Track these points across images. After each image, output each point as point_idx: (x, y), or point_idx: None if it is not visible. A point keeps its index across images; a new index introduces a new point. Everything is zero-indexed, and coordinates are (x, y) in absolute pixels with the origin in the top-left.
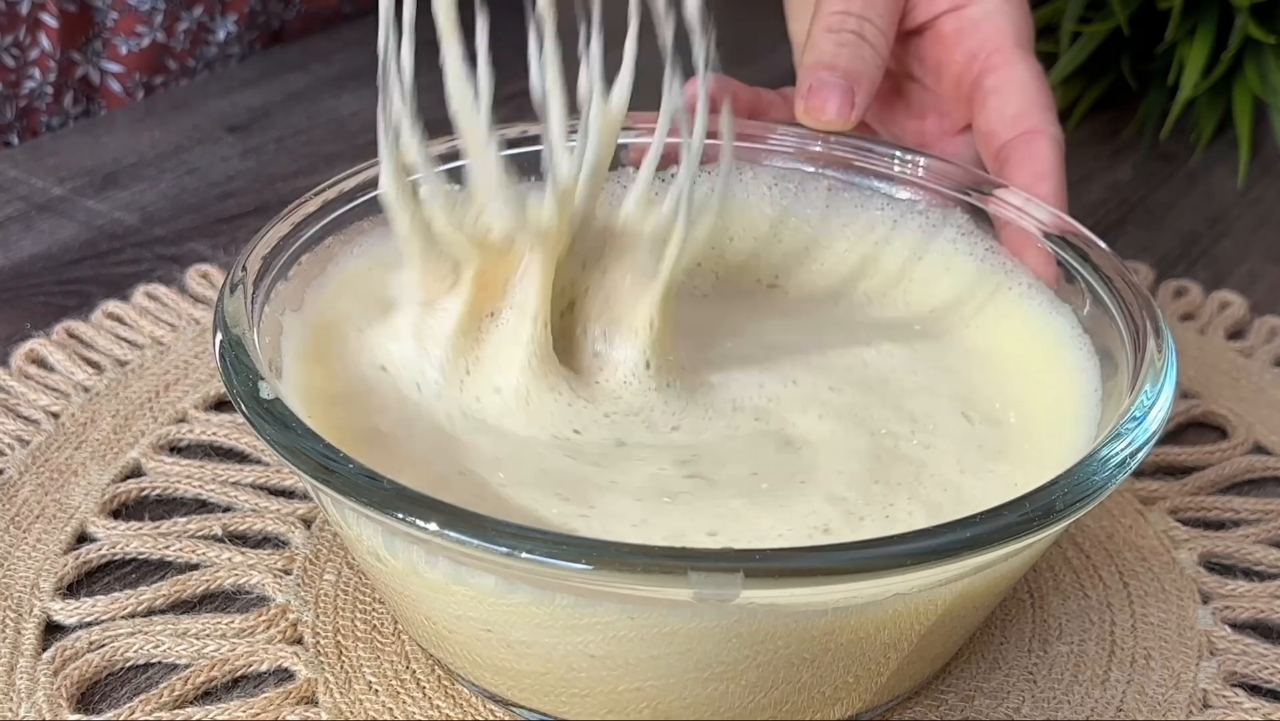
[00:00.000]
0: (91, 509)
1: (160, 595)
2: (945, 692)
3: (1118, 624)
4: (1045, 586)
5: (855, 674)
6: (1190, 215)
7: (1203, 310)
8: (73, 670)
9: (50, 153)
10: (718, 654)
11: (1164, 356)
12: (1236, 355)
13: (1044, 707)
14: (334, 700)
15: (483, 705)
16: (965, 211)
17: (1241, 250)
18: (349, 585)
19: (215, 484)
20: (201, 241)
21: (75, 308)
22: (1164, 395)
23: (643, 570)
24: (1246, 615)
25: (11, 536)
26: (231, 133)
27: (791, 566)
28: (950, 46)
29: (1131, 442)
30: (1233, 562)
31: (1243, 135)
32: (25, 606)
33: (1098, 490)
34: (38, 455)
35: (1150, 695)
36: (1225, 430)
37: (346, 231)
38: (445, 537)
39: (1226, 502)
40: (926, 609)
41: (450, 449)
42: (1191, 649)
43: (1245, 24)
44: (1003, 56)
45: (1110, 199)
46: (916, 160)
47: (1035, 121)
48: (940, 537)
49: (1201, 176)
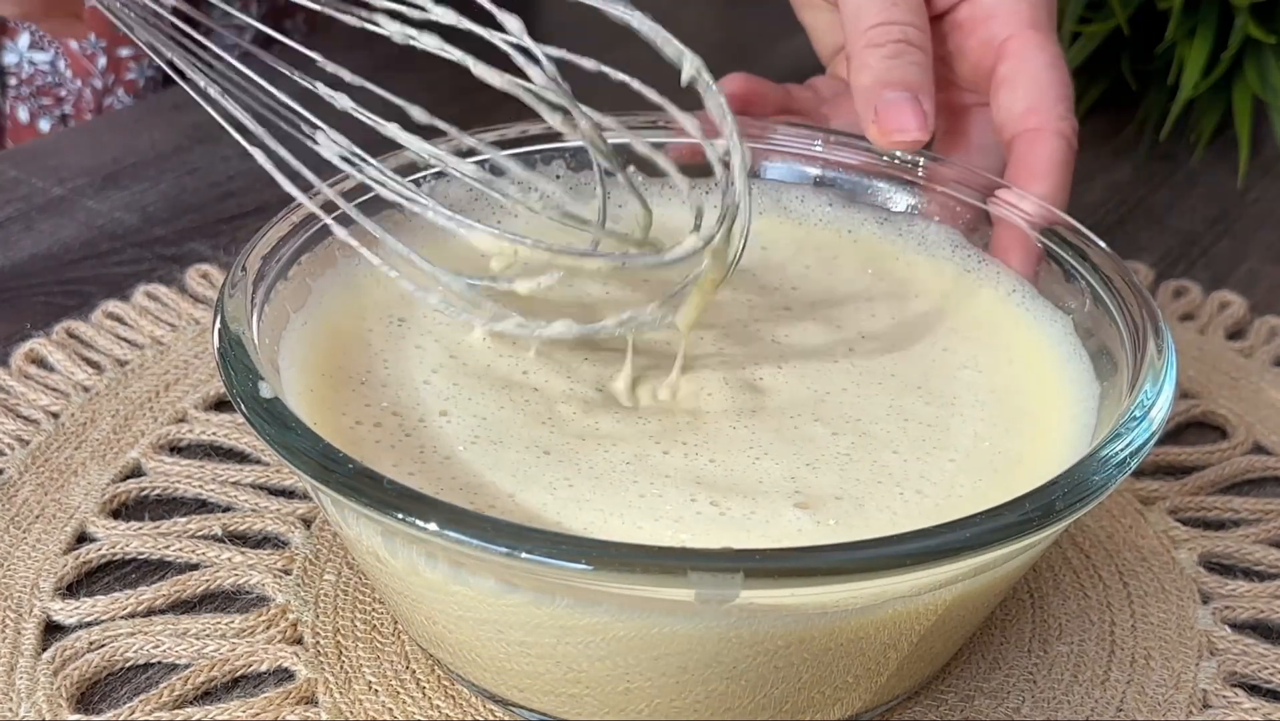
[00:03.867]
0: (91, 509)
1: (160, 595)
2: (945, 692)
3: (1118, 624)
4: (1045, 586)
5: (855, 674)
6: (1190, 215)
7: (1203, 310)
8: (73, 670)
9: (50, 153)
10: (718, 654)
11: (1164, 356)
12: (1236, 355)
13: (1044, 708)
14: (334, 700)
15: (483, 705)
16: (966, 213)
17: (1241, 250)
18: (349, 585)
19: (215, 484)
20: (201, 241)
21: (75, 308)
22: (1164, 395)
23: (642, 570)
24: (1246, 615)
25: (11, 536)
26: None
27: (791, 566)
28: (967, 33)
29: (1131, 443)
30: (1232, 562)
31: (1243, 135)
32: (25, 606)
33: (1097, 490)
34: (38, 455)
35: (1150, 695)
36: (1225, 430)
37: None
38: (445, 537)
39: (1226, 502)
40: (926, 609)
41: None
42: (1191, 649)
43: (1245, 24)
44: (1018, 42)
45: (1110, 199)
46: (917, 163)
47: (1041, 118)
48: (940, 538)
49: (1201, 176)
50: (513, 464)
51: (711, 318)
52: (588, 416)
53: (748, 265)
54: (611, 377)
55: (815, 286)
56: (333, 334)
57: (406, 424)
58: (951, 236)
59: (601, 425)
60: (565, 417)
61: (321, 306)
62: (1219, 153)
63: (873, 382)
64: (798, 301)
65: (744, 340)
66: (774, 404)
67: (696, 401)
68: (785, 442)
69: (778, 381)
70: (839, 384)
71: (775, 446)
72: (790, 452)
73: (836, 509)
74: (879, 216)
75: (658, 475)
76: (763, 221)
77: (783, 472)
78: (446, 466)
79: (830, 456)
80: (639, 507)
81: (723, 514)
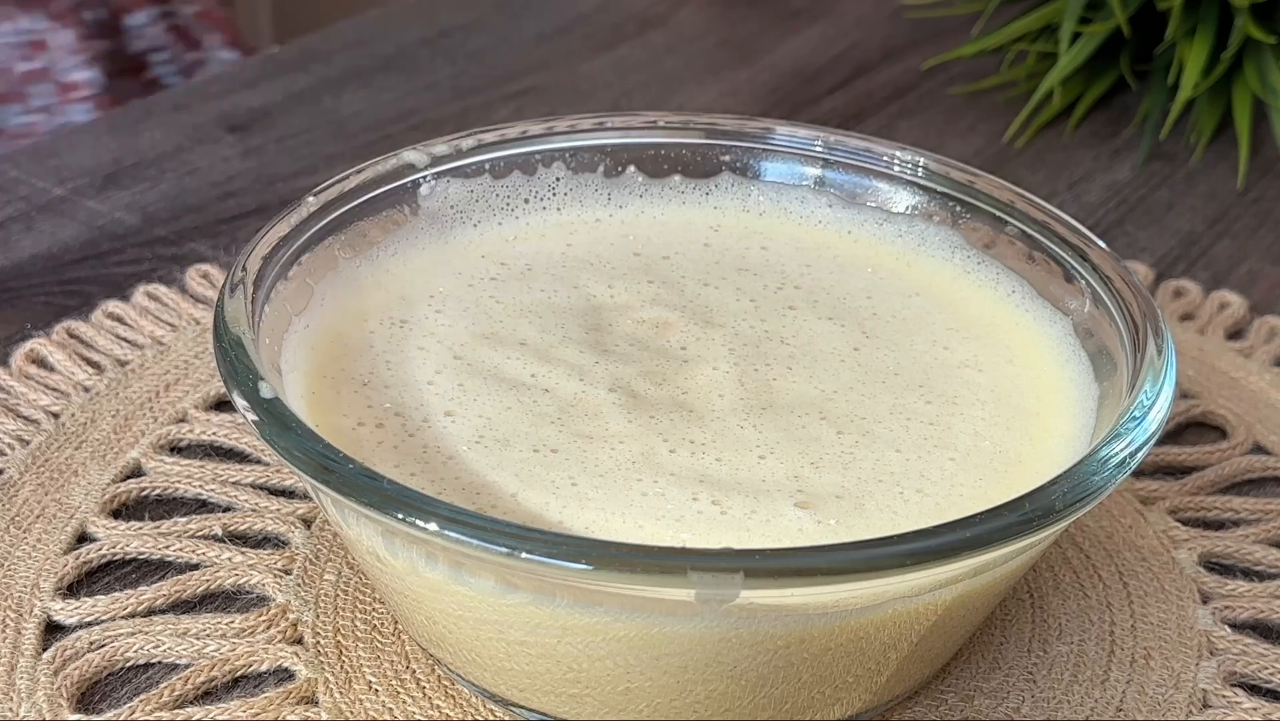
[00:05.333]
0: (92, 508)
1: (160, 595)
2: (945, 692)
3: (1117, 624)
4: (1045, 586)
5: (855, 674)
6: (1190, 215)
7: (1202, 310)
8: (73, 670)
9: (51, 153)
10: (718, 654)
11: (1164, 356)
12: (1236, 355)
13: (1043, 707)
14: (334, 700)
15: (483, 705)
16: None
17: (1241, 250)
18: (349, 585)
19: (215, 484)
20: (202, 241)
21: (76, 308)
22: (1164, 395)
23: (642, 570)
24: (1246, 615)
25: (12, 536)
26: (232, 133)
27: (791, 566)
28: None
29: (1131, 443)
30: (1232, 562)
31: (1242, 135)
32: (25, 606)
33: (1097, 490)
34: (38, 455)
35: (1150, 695)
36: (1225, 430)
37: (347, 232)
38: (445, 538)
39: (1226, 502)
40: (927, 609)
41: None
42: (1191, 649)
43: (1245, 24)
44: None
45: (1110, 199)
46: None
47: None
48: (940, 537)
49: (1201, 176)
50: (517, 463)
51: (718, 317)
52: (598, 416)
53: (749, 265)
54: (625, 379)
55: (816, 285)
56: (335, 336)
57: (410, 425)
58: (951, 238)
59: (611, 425)
60: (575, 417)
61: (323, 308)
62: (1219, 153)
63: (876, 381)
64: (800, 301)
65: (752, 340)
66: (782, 402)
67: (707, 400)
68: (792, 441)
69: (786, 381)
70: (845, 382)
71: (782, 445)
72: (796, 451)
73: (837, 508)
74: (879, 217)
75: (662, 473)
76: (763, 221)
77: (787, 471)
78: (449, 466)
79: (834, 455)
80: (641, 506)
81: (724, 513)
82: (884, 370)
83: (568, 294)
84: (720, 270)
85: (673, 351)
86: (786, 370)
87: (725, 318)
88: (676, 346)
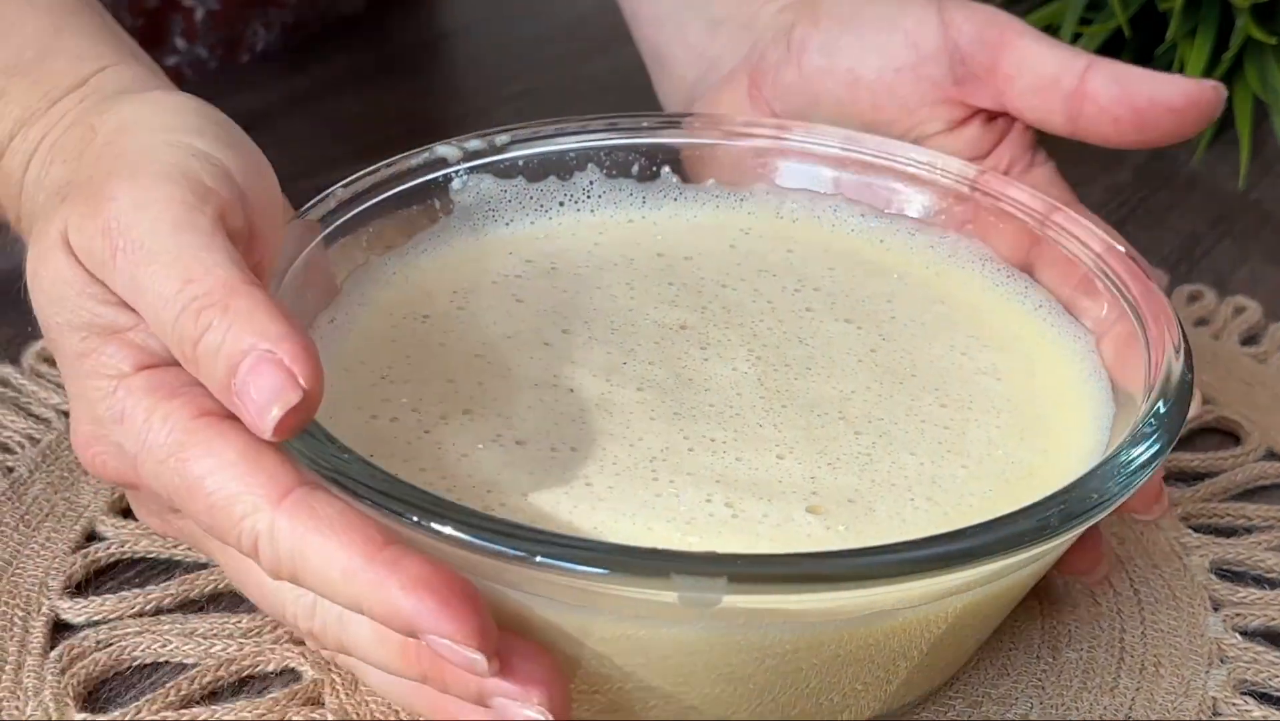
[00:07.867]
0: (101, 507)
1: (168, 594)
2: (953, 699)
3: (1127, 630)
4: (1055, 592)
5: (864, 681)
6: (1191, 216)
7: (1216, 315)
8: (80, 669)
9: None
10: (725, 658)
11: (1180, 361)
12: (1250, 360)
13: (1053, 714)
14: (340, 701)
15: None
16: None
17: (1242, 252)
18: None
19: None
20: None
21: None
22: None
23: (625, 570)
24: (1257, 622)
25: (21, 534)
26: None
27: (777, 572)
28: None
29: (1148, 449)
30: (1244, 570)
31: (1243, 136)
32: (33, 604)
33: (1113, 497)
34: (48, 453)
35: (1159, 702)
36: (1238, 436)
37: (374, 225)
38: (428, 531)
39: (1238, 509)
40: (934, 618)
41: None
42: (1201, 656)
43: (1245, 24)
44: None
45: (1110, 200)
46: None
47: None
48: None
49: (1202, 177)
50: (532, 461)
51: (738, 318)
52: (619, 414)
53: (769, 266)
54: (647, 378)
55: (837, 289)
56: (357, 329)
57: (425, 420)
58: (983, 251)
59: (633, 424)
60: (597, 416)
61: (348, 301)
62: (1219, 153)
63: (894, 382)
64: (818, 302)
65: (771, 341)
66: (803, 402)
67: (726, 399)
68: (810, 441)
69: (805, 380)
70: (863, 382)
71: (800, 445)
72: (814, 452)
73: (848, 512)
74: (913, 226)
75: (680, 472)
76: (796, 228)
77: (804, 472)
78: (462, 464)
79: (851, 456)
80: (653, 507)
81: (735, 516)
82: (901, 371)
83: (590, 294)
84: (741, 271)
85: (692, 351)
86: (805, 370)
87: (743, 318)
88: (696, 346)
